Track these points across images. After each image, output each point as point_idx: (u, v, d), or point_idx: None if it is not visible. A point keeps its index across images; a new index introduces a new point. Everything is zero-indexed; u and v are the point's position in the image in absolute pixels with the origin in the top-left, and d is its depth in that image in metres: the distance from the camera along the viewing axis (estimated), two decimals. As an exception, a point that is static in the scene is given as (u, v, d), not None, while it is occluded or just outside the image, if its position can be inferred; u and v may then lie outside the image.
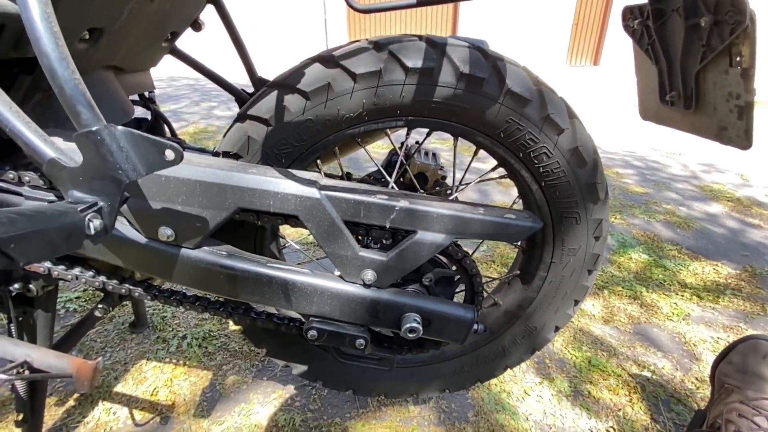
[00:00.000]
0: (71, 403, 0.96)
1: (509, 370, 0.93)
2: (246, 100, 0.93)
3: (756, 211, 2.28)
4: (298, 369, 0.90)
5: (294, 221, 0.63)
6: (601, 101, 5.84)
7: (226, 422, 0.93)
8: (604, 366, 1.13)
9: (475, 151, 0.75)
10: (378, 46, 0.62)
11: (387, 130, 0.74)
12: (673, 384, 1.09)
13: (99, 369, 0.67)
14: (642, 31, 0.69)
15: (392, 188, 0.73)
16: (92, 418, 0.93)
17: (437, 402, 1.01)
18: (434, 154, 0.86)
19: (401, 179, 0.85)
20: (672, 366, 1.16)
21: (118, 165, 0.42)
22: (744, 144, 0.58)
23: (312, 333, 0.64)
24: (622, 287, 1.50)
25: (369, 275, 0.63)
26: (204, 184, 0.57)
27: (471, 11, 9.13)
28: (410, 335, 0.62)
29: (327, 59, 0.63)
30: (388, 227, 0.62)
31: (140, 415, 0.94)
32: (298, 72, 0.64)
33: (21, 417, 0.75)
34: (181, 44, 0.93)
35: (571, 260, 0.76)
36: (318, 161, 0.74)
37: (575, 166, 0.67)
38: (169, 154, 0.44)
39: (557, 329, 0.84)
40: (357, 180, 0.85)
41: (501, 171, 0.77)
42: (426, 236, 0.61)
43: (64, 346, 0.83)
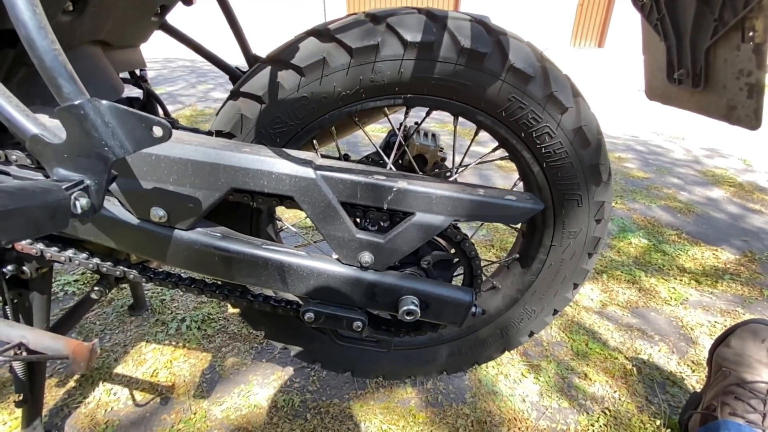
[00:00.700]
0: (72, 384, 0.96)
1: (506, 353, 0.94)
2: (240, 79, 0.91)
3: (758, 197, 2.26)
4: (297, 351, 0.90)
5: (289, 202, 0.61)
6: (605, 84, 5.75)
7: (226, 403, 0.94)
8: (601, 349, 1.14)
9: (476, 131, 0.73)
10: (375, 19, 0.60)
11: (385, 109, 0.72)
12: (669, 367, 1.10)
13: (96, 350, 0.66)
14: (651, 5, 0.66)
15: (390, 169, 0.71)
16: (93, 399, 0.93)
17: (435, 384, 1.02)
18: (434, 135, 0.84)
19: (400, 161, 0.83)
20: (668, 349, 1.16)
21: (104, 141, 0.41)
22: (753, 124, 0.57)
23: (309, 315, 0.64)
24: (621, 272, 1.50)
25: (366, 257, 0.62)
26: (196, 164, 0.55)
27: (474, -9, 8.89)
28: (408, 318, 0.62)
29: (322, 33, 0.60)
30: (386, 209, 0.60)
31: (140, 396, 0.95)
32: (292, 47, 0.61)
33: (21, 398, 0.76)
34: (174, 21, 0.90)
35: (572, 243, 0.75)
36: (314, 141, 0.72)
37: (578, 147, 0.66)
38: (158, 131, 0.42)
39: (556, 313, 0.84)
40: (354, 161, 0.84)
41: (502, 152, 0.75)
42: (424, 218, 0.60)
43: (62, 329, 0.82)
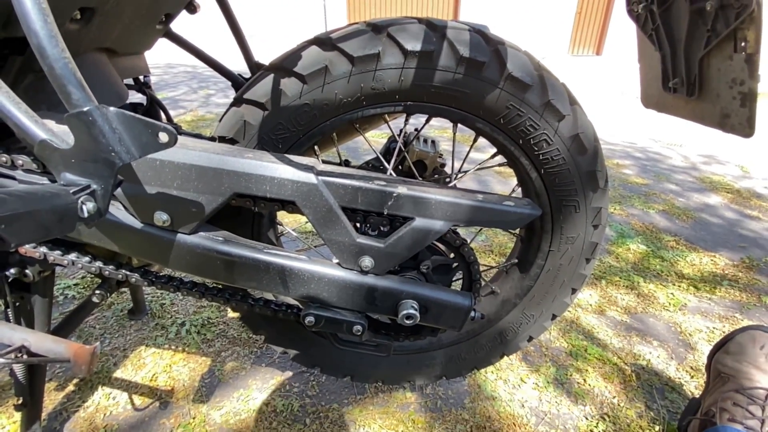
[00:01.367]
0: (71, 388, 0.96)
1: (506, 358, 0.94)
2: (242, 85, 0.92)
3: (755, 203, 2.28)
4: (296, 355, 0.90)
5: (291, 207, 0.62)
6: (603, 91, 5.79)
7: (225, 407, 0.94)
8: (600, 354, 1.14)
9: (475, 138, 0.74)
10: (376, 29, 0.61)
11: (386, 116, 0.73)
12: (668, 373, 1.10)
13: (96, 354, 0.67)
14: (646, 16, 0.67)
15: (390, 175, 0.72)
16: (92, 403, 0.93)
17: (434, 389, 1.02)
18: (433, 142, 0.86)
19: (400, 166, 0.85)
20: (667, 355, 1.17)
21: (111, 147, 0.42)
22: (746, 132, 0.58)
23: (309, 319, 0.64)
24: (620, 277, 1.50)
25: (366, 262, 0.62)
26: (199, 169, 0.56)
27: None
28: (407, 322, 0.62)
29: (324, 42, 0.62)
30: (386, 214, 0.61)
31: (140, 400, 0.95)
32: (295, 55, 0.63)
33: (20, 401, 0.76)
34: (177, 28, 0.91)
35: (570, 249, 0.76)
36: (316, 147, 0.73)
37: (575, 154, 0.67)
38: (163, 137, 0.43)
39: (554, 317, 0.84)
40: (355, 167, 0.85)
41: (500, 159, 0.76)
42: (424, 223, 0.61)
43: (63, 332, 0.83)
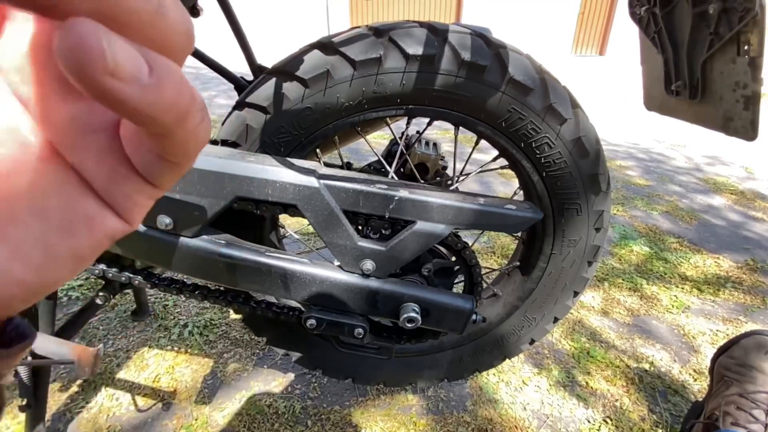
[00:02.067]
0: (74, 389, 0.97)
1: (507, 361, 0.94)
2: (245, 88, 0.92)
3: (759, 205, 2.26)
4: (298, 357, 0.91)
5: (293, 210, 0.62)
6: (606, 92, 5.77)
7: (227, 409, 0.94)
8: (603, 357, 1.14)
9: (476, 141, 0.74)
10: (378, 33, 0.61)
11: (387, 119, 0.74)
12: (671, 375, 1.10)
13: (100, 355, 0.67)
14: (649, 19, 0.67)
15: (392, 178, 0.73)
16: (95, 404, 0.94)
17: (436, 391, 1.02)
18: (435, 144, 0.86)
19: (401, 169, 0.85)
20: (670, 358, 1.16)
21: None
22: (750, 135, 0.58)
23: (311, 322, 0.64)
24: (623, 279, 1.50)
25: (368, 265, 0.62)
26: (202, 172, 0.57)
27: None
28: (409, 325, 0.62)
29: (326, 46, 0.62)
30: (388, 217, 0.61)
31: (142, 401, 0.95)
32: (297, 59, 0.63)
33: (25, 402, 0.76)
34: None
35: (572, 252, 0.75)
36: (317, 150, 0.73)
37: (577, 157, 0.67)
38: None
39: (556, 320, 0.84)
40: (357, 170, 0.85)
41: (502, 161, 0.76)
42: (425, 226, 0.61)
43: (66, 334, 0.83)
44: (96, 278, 1.30)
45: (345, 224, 0.60)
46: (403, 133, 0.79)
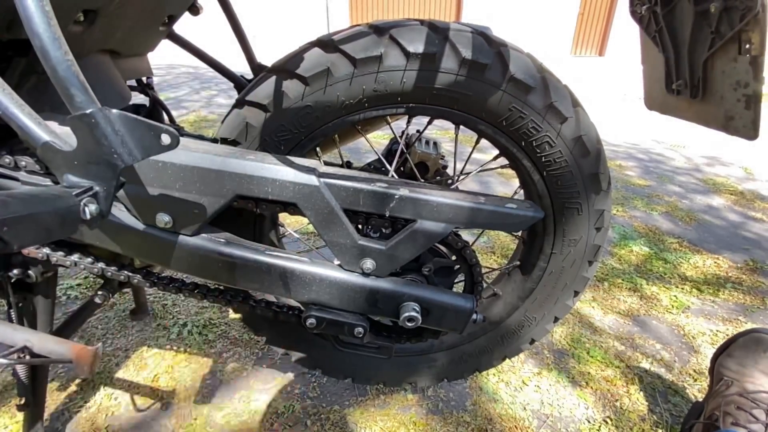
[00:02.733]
0: (73, 389, 0.97)
1: (507, 360, 0.94)
2: (245, 87, 0.92)
3: (759, 205, 2.26)
4: (298, 357, 0.90)
5: (293, 209, 0.62)
6: (606, 92, 5.78)
7: (226, 408, 0.94)
8: (602, 357, 1.14)
9: (477, 140, 0.74)
10: (379, 31, 0.61)
11: (387, 118, 0.73)
12: (671, 376, 1.10)
13: (99, 354, 0.67)
14: (650, 18, 0.67)
15: (392, 177, 0.72)
16: (94, 403, 0.93)
17: (435, 391, 1.02)
18: (435, 143, 0.85)
19: (402, 168, 0.84)
20: (670, 358, 1.16)
21: (113, 149, 0.42)
22: (751, 134, 0.57)
23: (311, 321, 0.64)
24: (623, 279, 1.50)
25: (368, 264, 0.62)
26: (202, 170, 0.56)
27: (474, 0, 8.98)
28: (409, 324, 0.62)
29: (326, 44, 0.62)
30: (388, 216, 0.61)
31: (141, 401, 0.95)
32: (297, 57, 0.63)
33: (23, 401, 0.76)
34: (179, 29, 0.91)
35: (572, 251, 0.75)
36: (317, 149, 0.73)
37: (578, 156, 0.66)
38: (165, 139, 0.43)
39: (556, 320, 0.84)
40: (357, 168, 0.85)
41: (502, 160, 0.76)
42: (425, 225, 0.60)
43: (65, 333, 0.83)
44: (95, 277, 1.30)
45: (345, 223, 0.60)
46: (404, 132, 0.78)
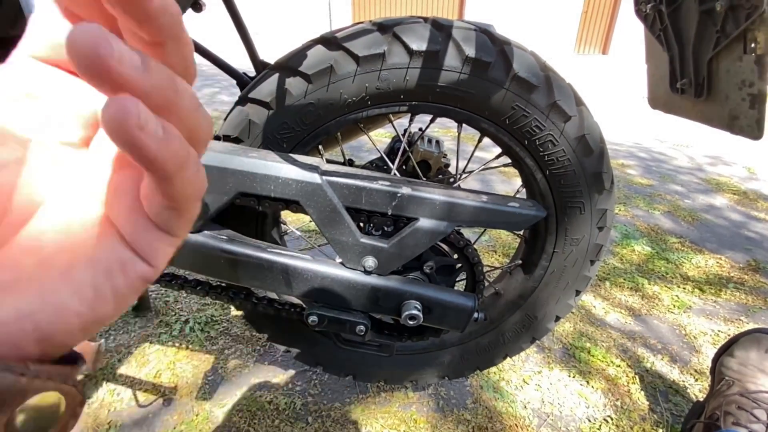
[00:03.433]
0: (75, 384, 0.97)
1: (508, 359, 0.94)
2: (247, 84, 0.92)
3: (762, 205, 2.26)
4: (299, 354, 0.91)
5: (295, 206, 0.62)
6: (609, 91, 5.76)
7: (228, 405, 0.95)
8: (603, 356, 1.14)
9: (480, 138, 0.74)
10: (382, 28, 0.61)
11: (390, 116, 0.73)
12: (672, 375, 1.10)
13: (101, 350, 0.67)
14: (654, 16, 0.67)
15: (395, 175, 0.72)
16: (96, 399, 0.94)
17: (436, 389, 1.02)
18: (437, 142, 0.85)
19: (404, 166, 0.84)
20: (671, 358, 1.16)
21: (117, 146, 0.42)
22: (755, 134, 0.57)
23: (312, 319, 0.64)
24: (624, 279, 1.50)
25: (370, 262, 0.62)
26: (204, 168, 0.56)
27: (478, -3, 8.95)
28: (410, 322, 0.62)
29: (329, 41, 0.62)
30: (390, 214, 0.61)
31: (143, 397, 0.95)
32: (300, 54, 0.62)
33: (26, 396, 0.77)
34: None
35: (574, 250, 0.75)
36: (320, 146, 0.73)
37: (581, 155, 0.66)
38: (169, 136, 0.43)
39: (558, 319, 0.84)
40: (359, 166, 0.85)
41: (505, 159, 0.76)
42: (427, 224, 0.61)
43: (68, 328, 0.83)
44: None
45: (347, 221, 0.60)
46: (406, 130, 0.78)
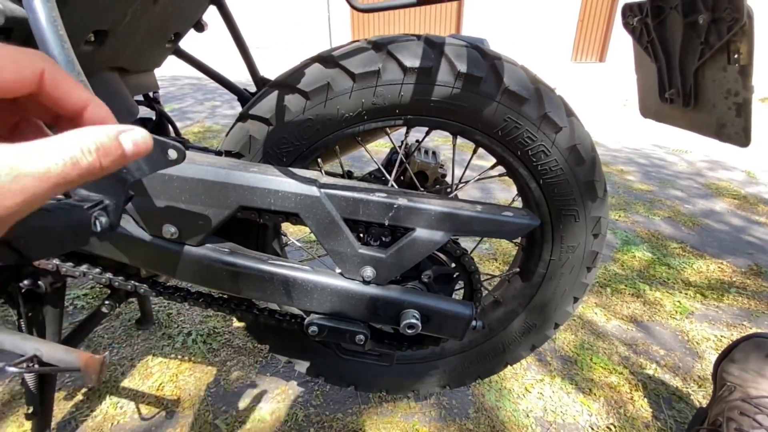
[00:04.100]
0: (79, 398, 0.98)
1: (509, 367, 0.94)
2: (248, 100, 0.95)
3: (762, 209, 2.26)
4: (301, 365, 0.91)
5: (295, 219, 0.64)
6: (607, 98, 5.80)
7: (230, 417, 0.95)
8: (606, 363, 1.14)
9: (474, 149, 0.76)
10: (377, 46, 0.63)
11: (386, 129, 0.75)
12: (675, 382, 1.09)
13: (106, 363, 0.68)
14: (641, 29, 0.69)
15: (392, 186, 0.74)
16: (100, 412, 0.95)
17: (438, 398, 1.02)
18: (434, 153, 0.87)
19: (401, 177, 0.86)
20: (674, 364, 1.15)
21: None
22: (742, 141, 0.58)
23: (313, 329, 0.65)
24: (626, 285, 1.50)
25: (368, 272, 0.63)
26: (206, 183, 0.58)
27: (475, 8, 9.08)
28: (409, 331, 0.63)
29: (326, 59, 0.64)
30: (387, 224, 0.63)
31: (146, 410, 0.96)
32: (298, 72, 0.65)
33: (31, 410, 0.77)
34: (185, 45, 0.94)
35: (570, 258, 0.76)
36: (319, 160, 0.75)
37: (573, 164, 0.68)
38: (172, 154, 0.44)
39: (557, 326, 0.84)
40: (357, 178, 0.86)
41: (500, 169, 0.77)
42: (424, 234, 0.62)
43: (73, 342, 0.84)
44: (101, 287, 1.32)
45: (346, 232, 0.62)
46: (403, 143, 0.80)
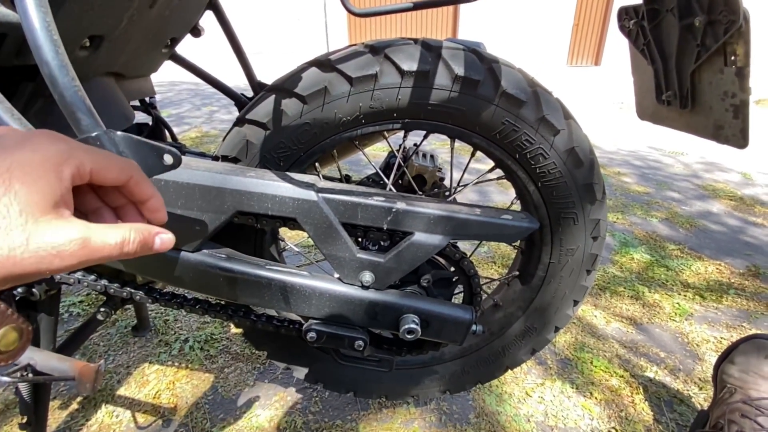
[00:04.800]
0: (74, 407, 0.97)
1: (510, 372, 0.93)
2: (245, 104, 0.94)
3: (759, 210, 2.27)
4: (299, 371, 0.90)
5: (292, 224, 0.63)
6: (603, 101, 5.83)
7: (228, 424, 0.94)
8: (606, 367, 1.13)
9: (472, 153, 0.76)
10: (374, 50, 0.63)
11: (384, 133, 0.75)
12: (676, 384, 1.09)
13: (101, 371, 0.67)
14: (637, 32, 0.69)
15: (390, 190, 0.74)
16: (95, 421, 0.93)
17: (438, 404, 1.01)
18: (432, 156, 0.87)
19: (399, 181, 0.86)
20: (674, 366, 1.15)
21: (118, 170, 0.43)
22: (740, 143, 0.58)
23: (311, 335, 0.65)
24: (624, 287, 1.49)
25: (367, 277, 0.63)
26: (203, 188, 0.58)
27: (471, 13, 9.14)
28: (408, 336, 0.62)
29: (323, 63, 0.64)
30: (386, 229, 0.62)
31: (142, 418, 0.95)
32: (295, 76, 0.64)
33: (25, 420, 0.76)
34: (181, 49, 0.94)
35: (570, 260, 0.76)
36: (316, 164, 0.74)
37: (572, 167, 0.68)
38: (168, 159, 0.44)
39: (557, 330, 0.84)
40: (355, 182, 0.86)
41: (498, 172, 0.77)
42: (423, 237, 0.61)
43: (68, 350, 0.83)
44: (97, 294, 1.30)
45: (344, 237, 0.61)
46: (401, 146, 0.80)
